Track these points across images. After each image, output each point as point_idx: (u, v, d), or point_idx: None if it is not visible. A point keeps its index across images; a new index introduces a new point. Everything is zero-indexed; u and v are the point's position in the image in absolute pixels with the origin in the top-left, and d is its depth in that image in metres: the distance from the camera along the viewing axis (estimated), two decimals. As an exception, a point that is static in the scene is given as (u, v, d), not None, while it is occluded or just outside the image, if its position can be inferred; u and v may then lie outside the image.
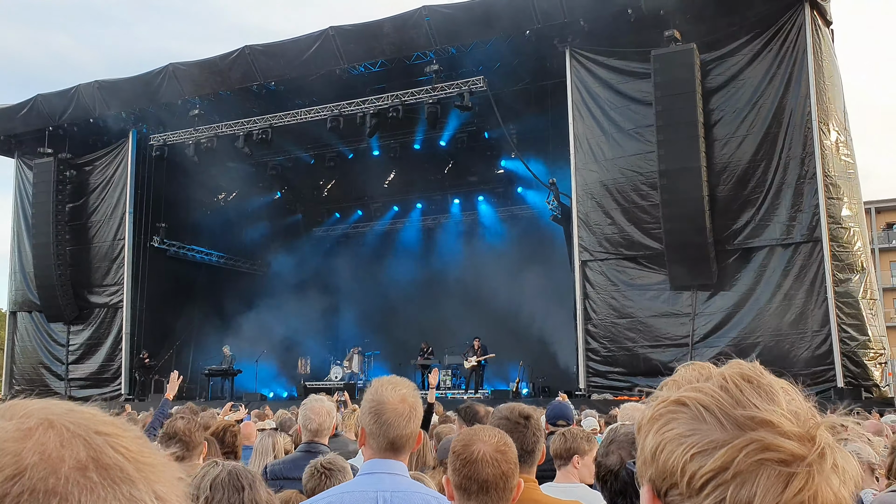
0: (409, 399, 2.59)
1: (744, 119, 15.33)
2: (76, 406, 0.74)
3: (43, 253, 21.58)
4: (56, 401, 0.74)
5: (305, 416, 4.32)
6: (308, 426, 4.30)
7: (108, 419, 0.73)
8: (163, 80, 19.76)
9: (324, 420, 4.32)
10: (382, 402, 2.55)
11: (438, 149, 22.16)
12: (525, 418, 3.26)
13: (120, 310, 21.30)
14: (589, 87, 16.63)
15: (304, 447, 4.26)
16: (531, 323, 24.52)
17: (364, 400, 2.64)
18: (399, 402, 2.55)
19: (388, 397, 2.56)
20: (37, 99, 21.35)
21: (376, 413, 2.54)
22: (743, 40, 15.46)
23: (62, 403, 0.74)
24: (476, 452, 2.42)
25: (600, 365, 16.11)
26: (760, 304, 15.00)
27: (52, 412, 0.70)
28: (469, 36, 17.15)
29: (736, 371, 0.91)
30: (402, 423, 2.53)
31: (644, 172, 15.83)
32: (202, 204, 24.03)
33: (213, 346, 22.32)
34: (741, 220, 15.18)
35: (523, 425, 3.22)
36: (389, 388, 2.59)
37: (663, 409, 0.89)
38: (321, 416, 4.32)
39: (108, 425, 0.72)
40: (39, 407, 0.71)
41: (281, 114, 19.78)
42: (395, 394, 2.57)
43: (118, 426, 0.73)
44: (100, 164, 22.21)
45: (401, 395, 2.58)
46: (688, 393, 0.89)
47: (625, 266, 16.17)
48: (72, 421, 0.70)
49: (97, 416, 0.73)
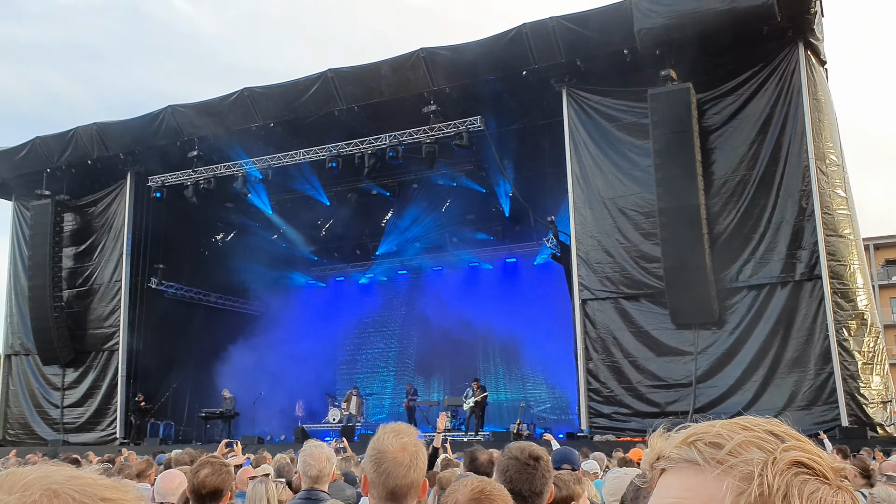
0: (410, 448, 2.56)
1: (741, 157, 15.41)
2: (75, 471, 0.71)
3: (39, 295, 21.44)
4: (52, 466, 0.71)
5: (305, 462, 4.19)
6: (308, 472, 4.17)
7: (109, 483, 0.71)
8: (161, 121, 19.85)
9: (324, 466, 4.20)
10: (383, 450, 2.54)
11: (437, 188, 22.21)
12: (535, 459, 3.21)
13: (116, 352, 21.10)
14: (586, 125, 16.72)
15: (304, 494, 4.12)
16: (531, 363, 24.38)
17: (368, 448, 2.61)
18: (400, 450, 2.53)
19: (389, 446, 2.54)
20: (35, 141, 21.41)
21: (376, 461, 2.53)
22: (739, 79, 15.60)
23: (60, 470, 0.70)
24: (453, 502, 2.44)
25: (602, 405, 15.92)
26: (762, 342, 14.89)
27: (54, 481, 0.68)
28: (466, 77, 17.29)
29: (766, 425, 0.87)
30: (402, 472, 2.50)
31: (643, 210, 15.84)
32: (200, 244, 24.02)
33: (210, 389, 22.10)
34: (741, 257, 15.16)
35: (532, 466, 3.18)
36: (391, 437, 2.57)
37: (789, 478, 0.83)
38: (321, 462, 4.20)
39: (111, 490, 0.70)
40: (39, 476, 0.68)
41: (280, 154, 19.84)
42: (397, 442, 2.55)
43: (121, 490, 0.71)
44: (98, 205, 22.21)
45: (402, 443, 2.56)
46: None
47: (625, 305, 16.08)
48: (75, 489, 0.68)
49: (98, 481, 0.71)
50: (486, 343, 25.30)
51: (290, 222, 24.97)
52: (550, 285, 22.14)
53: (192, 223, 22.37)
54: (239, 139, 20.04)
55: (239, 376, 22.16)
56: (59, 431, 21.31)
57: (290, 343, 23.64)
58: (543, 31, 16.20)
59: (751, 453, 0.83)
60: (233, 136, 19.86)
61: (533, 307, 22.65)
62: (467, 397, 20.25)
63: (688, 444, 0.87)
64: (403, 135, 18.42)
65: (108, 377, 21.28)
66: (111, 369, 21.23)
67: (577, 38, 15.97)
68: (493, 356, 25.32)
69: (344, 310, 26.52)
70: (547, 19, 16.22)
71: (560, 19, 16.09)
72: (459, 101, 17.87)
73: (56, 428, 21.51)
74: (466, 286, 25.35)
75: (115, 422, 20.80)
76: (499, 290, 24.39)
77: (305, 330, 24.57)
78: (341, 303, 26.85)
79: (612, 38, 15.67)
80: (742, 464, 0.82)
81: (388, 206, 23.84)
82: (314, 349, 24.54)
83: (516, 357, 24.84)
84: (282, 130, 19.52)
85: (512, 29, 16.49)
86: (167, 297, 22.49)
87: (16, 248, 23.04)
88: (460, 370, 24.30)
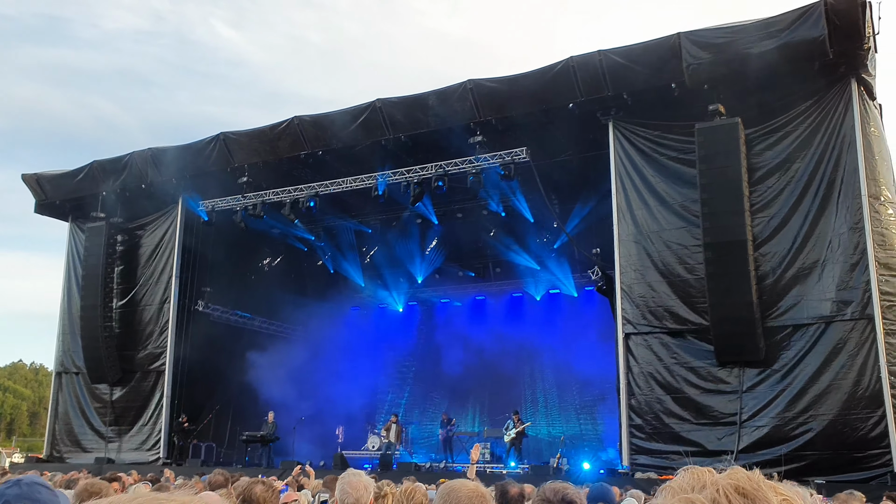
0: None
1: (791, 193, 15.16)
2: (155, 496, 0.74)
3: (91, 315, 21.97)
4: (150, 495, 0.74)
5: (343, 491, 4.24)
6: (345, 500, 4.22)
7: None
8: (213, 148, 20.33)
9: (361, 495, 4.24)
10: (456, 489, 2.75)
11: (481, 218, 22.27)
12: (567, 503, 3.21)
13: (163, 373, 21.47)
14: (632, 159, 16.66)
15: (340, 522, 4.17)
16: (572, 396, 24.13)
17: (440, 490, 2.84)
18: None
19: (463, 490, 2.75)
20: (92, 165, 22.08)
21: None
22: (789, 115, 15.40)
23: (138, 498, 0.73)
24: None
25: (645, 442, 15.66)
26: (810, 383, 14.51)
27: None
28: (512, 109, 17.40)
29: (730, 482, 0.84)
30: None
31: (689, 245, 15.67)
32: (247, 269, 24.41)
33: (251, 412, 22.33)
34: (790, 295, 14.85)
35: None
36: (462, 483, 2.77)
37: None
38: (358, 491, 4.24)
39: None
40: None
41: (327, 182, 20.14)
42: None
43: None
44: (149, 228, 22.75)
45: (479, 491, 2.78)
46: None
47: (669, 340, 15.85)
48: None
49: None
50: (527, 375, 25.14)
51: (335, 249, 25.25)
52: (594, 318, 21.98)
53: (239, 248, 22.77)
54: (288, 166, 20.42)
55: (280, 401, 22.35)
56: (105, 450, 21.69)
57: (331, 369, 23.81)
58: (591, 64, 16.25)
59: (666, 496, 0.89)
60: (282, 163, 20.24)
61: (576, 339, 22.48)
62: (507, 429, 20.11)
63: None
64: (449, 164, 18.57)
65: (153, 397, 21.63)
66: (157, 390, 21.59)
67: (625, 72, 15.98)
68: (533, 388, 25.14)
69: (386, 337, 26.64)
70: (594, 52, 16.28)
71: (608, 53, 16.13)
72: (505, 132, 17.96)
73: (101, 446, 21.90)
74: (509, 316, 25.29)
75: (158, 442, 21.10)
76: (541, 321, 24.26)
77: (348, 356, 24.73)
78: (384, 330, 26.98)
79: (659, 72, 15.65)
80: None
81: (432, 235, 23.95)
82: (356, 375, 24.66)
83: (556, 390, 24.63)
84: (329, 158, 19.82)
85: (559, 62, 16.58)
86: (212, 319, 22.87)
87: (70, 268, 23.69)
88: (500, 402, 24.17)
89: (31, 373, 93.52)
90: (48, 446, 23.16)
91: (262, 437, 20.72)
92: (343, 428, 23.95)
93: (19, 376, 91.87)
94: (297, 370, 23.01)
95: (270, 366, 22.44)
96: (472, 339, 24.57)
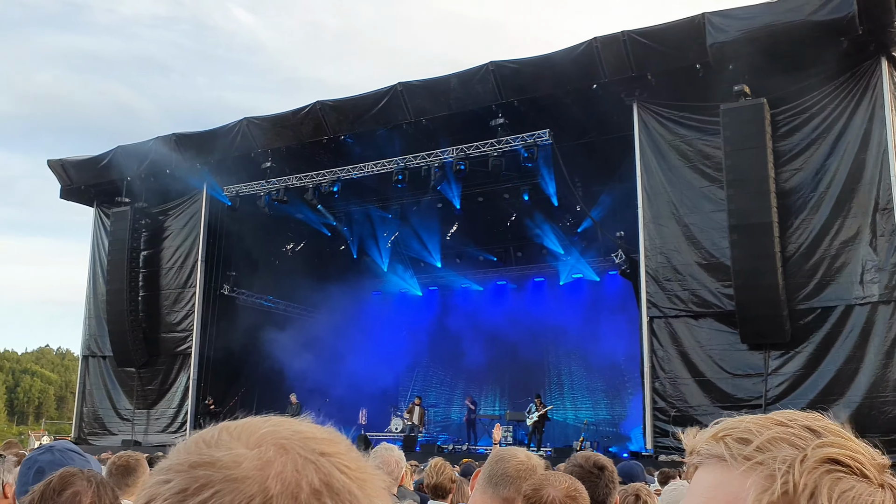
0: None
1: (817, 174, 14.95)
2: (298, 425, 0.77)
3: (116, 299, 22.23)
4: (278, 419, 0.78)
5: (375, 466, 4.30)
6: (377, 475, 4.27)
7: (326, 437, 0.77)
8: (237, 133, 20.41)
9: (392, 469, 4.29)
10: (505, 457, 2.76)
11: (502, 201, 22.21)
12: (599, 469, 3.26)
13: (188, 356, 21.71)
14: (657, 141, 16.52)
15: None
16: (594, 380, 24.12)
17: None
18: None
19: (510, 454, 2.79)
20: (116, 151, 22.26)
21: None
22: (816, 95, 15.16)
23: (286, 424, 0.77)
24: (546, 497, 2.40)
25: (668, 425, 15.62)
26: (837, 366, 14.39)
27: (282, 436, 0.74)
28: (535, 90, 17.30)
29: None
30: None
31: (714, 228, 15.54)
32: (271, 253, 24.56)
33: (276, 394, 22.54)
34: (816, 278, 14.69)
35: (596, 475, 3.22)
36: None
37: (820, 475, 0.79)
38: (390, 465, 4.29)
39: (329, 444, 0.75)
40: (269, 431, 0.75)
41: (349, 167, 20.18)
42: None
43: (337, 444, 0.76)
44: (173, 213, 22.94)
45: None
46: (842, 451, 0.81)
47: (694, 323, 15.77)
48: (301, 445, 0.73)
49: (318, 435, 0.76)
50: (550, 359, 25.15)
51: (357, 233, 25.33)
52: (617, 302, 21.90)
53: (263, 232, 22.90)
54: (310, 151, 20.48)
55: (304, 383, 22.54)
56: (132, 432, 22.00)
57: (355, 352, 23.94)
58: (615, 44, 16.11)
59: (781, 450, 0.80)
60: (304, 148, 20.31)
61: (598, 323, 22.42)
62: (530, 412, 20.15)
63: (717, 440, 0.85)
64: (470, 148, 18.52)
65: (179, 380, 21.91)
66: (183, 372, 21.85)
67: (649, 53, 15.83)
68: (556, 372, 25.16)
69: (408, 321, 26.72)
70: (618, 33, 16.13)
71: (631, 33, 15.98)
72: (527, 114, 17.87)
73: (128, 428, 22.22)
74: (531, 300, 25.26)
75: (185, 424, 21.38)
76: (563, 305, 24.20)
77: (371, 339, 24.84)
78: (405, 314, 27.07)
79: (684, 52, 15.49)
80: (770, 460, 0.79)
81: (452, 219, 23.93)
82: (378, 359, 24.78)
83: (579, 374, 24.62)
84: (351, 142, 19.85)
85: (583, 43, 16.45)
86: (237, 303, 23.08)
87: (96, 253, 23.97)
88: (521, 385, 24.21)
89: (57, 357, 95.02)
90: (76, 429, 23.55)
91: (286, 419, 20.91)
92: (366, 410, 24.13)
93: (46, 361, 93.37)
94: (320, 353, 23.18)
95: (294, 349, 22.61)
96: (493, 323, 24.59)
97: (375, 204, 23.58)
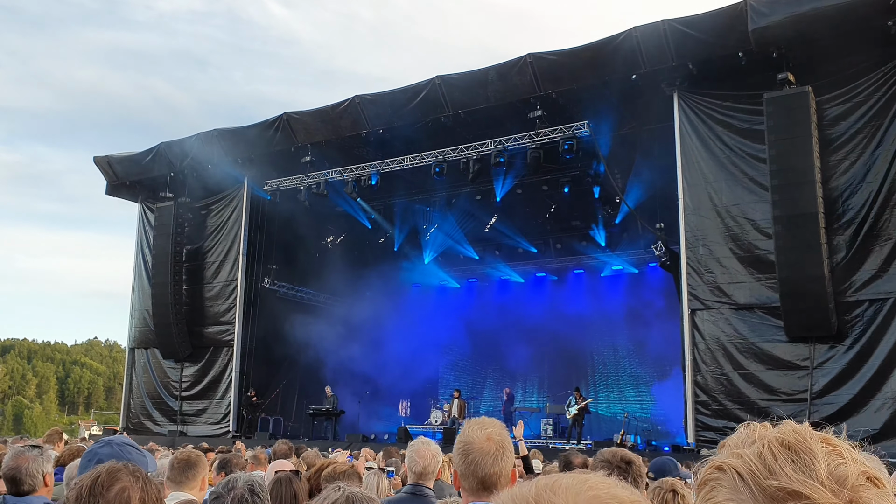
0: (495, 437, 2.66)
1: (864, 164, 14.58)
2: (615, 489, 0.83)
3: (161, 292, 22.67)
4: (596, 480, 0.85)
5: (411, 458, 4.32)
6: (413, 468, 4.30)
7: None
8: (277, 128, 20.61)
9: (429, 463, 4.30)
10: (469, 441, 2.65)
11: (541, 193, 22.09)
12: (626, 463, 3.29)
13: (231, 348, 22.06)
14: (698, 130, 16.27)
15: (410, 489, 4.26)
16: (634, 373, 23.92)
17: (455, 442, 2.73)
18: (485, 440, 2.63)
19: (475, 437, 2.65)
20: (160, 147, 22.65)
21: (464, 453, 2.63)
22: (863, 82, 14.76)
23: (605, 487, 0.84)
24: None
25: (710, 419, 15.43)
26: (884, 360, 14.05)
27: None
28: (574, 81, 17.14)
29: (775, 436, 0.85)
30: (489, 461, 2.59)
31: (757, 219, 15.25)
32: (311, 246, 24.80)
33: (317, 386, 22.79)
34: (864, 269, 14.35)
35: (623, 469, 3.23)
36: (476, 429, 2.69)
37: (709, 475, 0.87)
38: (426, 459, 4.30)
39: None
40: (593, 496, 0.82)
41: (388, 160, 20.27)
42: (482, 433, 2.66)
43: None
44: (216, 207, 23.29)
45: (487, 433, 2.66)
46: (728, 459, 0.86)
47: (736, 315, 15.52)
48: None
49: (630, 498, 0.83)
50: (590, 352, 25.00)
51: (396, 226, 25.44)
52: (657, 294, 21.69)
53: (303, 226, 23.12)
54: (349, 145, 20.60)
55: (345, 375, 22.74)
56: (177, 423, 22.44)
57: (396, 344, 24.06)
58: (654, 34, 15.86)
59: (723, 451, 0.89)
60: (344, 142, 20.43)
61: (638, 316, 22.22)
62: (570, 406, 20.06)
63: None
64: (509, 140, 18.45)
65: (223, 372, 22.27)
66: (226, 365, 22.21)
67: (690, 41, 15.55)
68: (595, 365, 25.01)
69: (449, 313, 26.77)
70: (658, 22, 15.88)
71: (671, 22, 15.72)
72: (566, 105, 17.73)
73: (174, 419, 22.66)
74: (570, 292, 25.13)
75: (228, 416, 21.74)
76: (603, 297, 24.04)
77: (412, 331, 24.95)
78: (447, 306, 27.12)
79: (725, 40, 15.19)
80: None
81: (492, 211, 23.89)
82: (420, 351, 24.88)
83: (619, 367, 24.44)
84: (389, 136, 19.92)
85: (622, 32, 16.24)
86: (279, 296, 23.38)
87: (140, 247, 24.46)
88: (561, 378, 24.12)
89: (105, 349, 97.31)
90: (124, 419, 24.11)
91: (326, 410, 21.15)
92: (406, 402, 24.25)
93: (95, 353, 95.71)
94: (360, 345, 23.35)
95: (334, 341, 22.83)
96: (532, 315, 24.52)
97: (415, 196, 23.64)
